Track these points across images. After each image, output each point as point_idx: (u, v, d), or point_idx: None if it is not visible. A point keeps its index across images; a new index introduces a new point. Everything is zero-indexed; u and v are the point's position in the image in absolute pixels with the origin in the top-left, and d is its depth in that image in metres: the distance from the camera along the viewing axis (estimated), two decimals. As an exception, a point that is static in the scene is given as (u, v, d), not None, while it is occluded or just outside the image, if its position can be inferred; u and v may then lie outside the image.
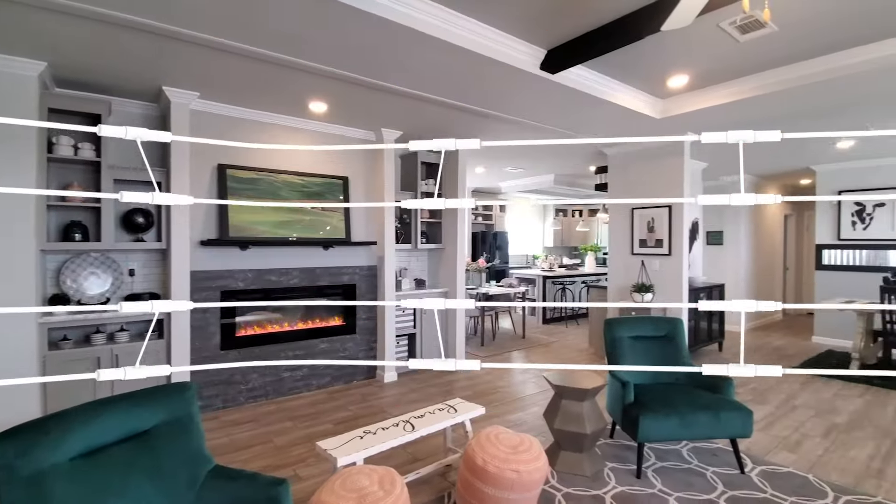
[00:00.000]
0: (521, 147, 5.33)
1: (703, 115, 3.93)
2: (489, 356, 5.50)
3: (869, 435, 3.31)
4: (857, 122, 4.16)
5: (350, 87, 3.30)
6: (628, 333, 3.24)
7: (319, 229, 4.10)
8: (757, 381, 4.58)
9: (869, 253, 6.04)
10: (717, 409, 2.65)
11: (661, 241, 4.74)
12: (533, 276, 7.71)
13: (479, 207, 9.38)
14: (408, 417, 2.48)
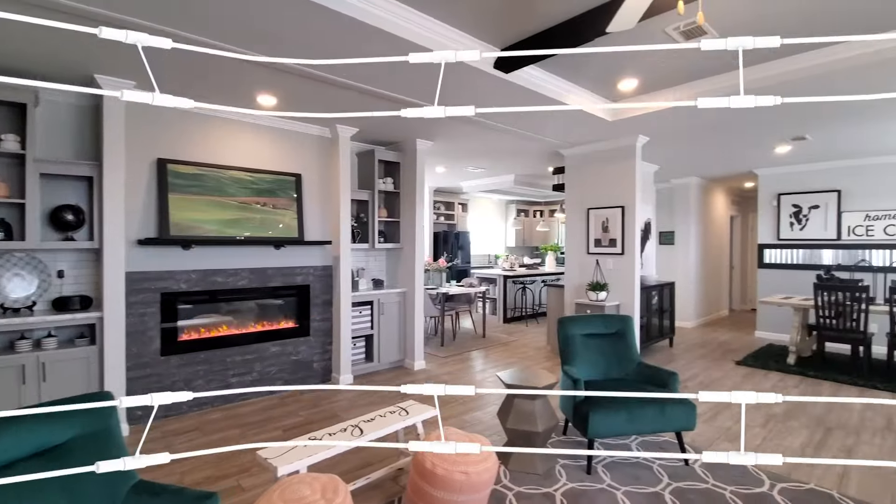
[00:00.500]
0: (481, 147, 5.34)
1: (652, 119, 4.05)
2: (449, 356, 5.47)
3: (803, 424, 3.50)
4: (797, 127, 4.41)
5: (300, 80, 3.19)
6: (581, 331, 3.28)
7: (271, 228, 3.95)
8: (704, 375, 4.78)
9: (805, 252, 6.43)
10: (664, 404, 2.72)
11: (615, 241, 4.86)
12: (494, 275, 7.76)
13: (440, 207, 9.37)
14: (357, 422, 2.41)
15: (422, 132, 4.59)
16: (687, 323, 7.60)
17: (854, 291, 4.58)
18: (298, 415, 3.62)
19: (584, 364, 3.19)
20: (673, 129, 4.44)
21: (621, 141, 4.78)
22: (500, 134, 4.66)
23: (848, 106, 3.71)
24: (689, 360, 5.43)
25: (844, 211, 6.09)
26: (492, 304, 7.82)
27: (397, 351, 4.91)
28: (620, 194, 4.84)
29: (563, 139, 4.85)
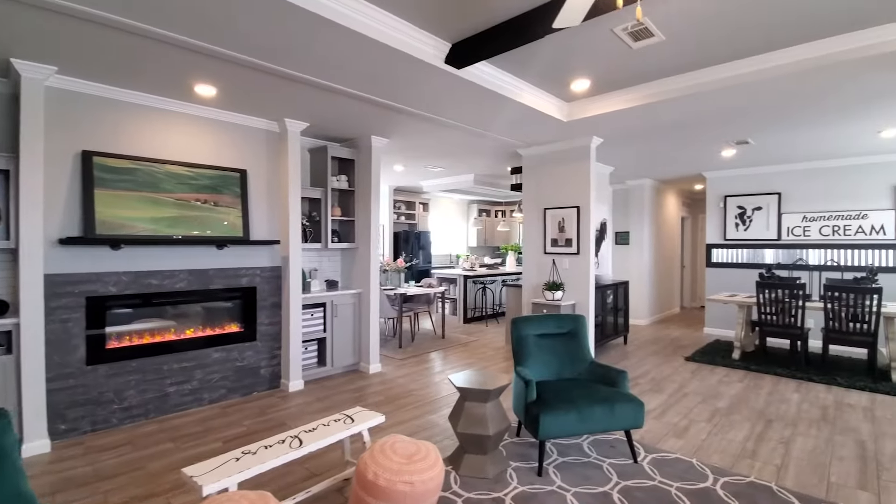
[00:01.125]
0: (440, 146, 5.27)
1: (605, 120, 4.10)
2: (406, 358, 5.37)
3: (745, 417, 3.62)
4: (742, 130, 4.58)
5: (243, 70, 3.01)
6: (534, 332, 3.26)
7: (212, 227, 3.72)
8: (655, 372, 4.89)
9: (749, 251, 6.74)
10: (613, 403, 2.73)
11: (571, 241, 4.91)
12: (454, 275, 7.71)
13: (401, 206, 9.23)
14: (297, 432, 2.27)
15: (377, 129, 4.46)
16: (641, 321, 7.81)
17: (792, 289, 4.82)
18: (242, 425, 3.42)
19: (537, 364, 3.17)
20: (625, 131, 4.52)
21: (576, 142, 4.82)
22: (456, 132, 4.60)
23: (786, 112, 3.87)
24: (642, 357, 5.56)
25: (784, 212, 6.42)
26: (452, 305, 7.78)
27: (352, 354, 4.76)
28: (576, 195, 4.89)
29: (519, 139, 4.85)
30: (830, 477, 2.69)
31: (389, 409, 3.74)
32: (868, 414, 3.70)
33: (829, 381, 4.47)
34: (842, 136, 4.72)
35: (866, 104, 3.66)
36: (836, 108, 3.77)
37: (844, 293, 4.51)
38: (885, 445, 3.11)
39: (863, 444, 3.15)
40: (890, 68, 2.92)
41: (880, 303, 4.34)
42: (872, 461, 2.89)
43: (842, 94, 3.42)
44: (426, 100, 3.59)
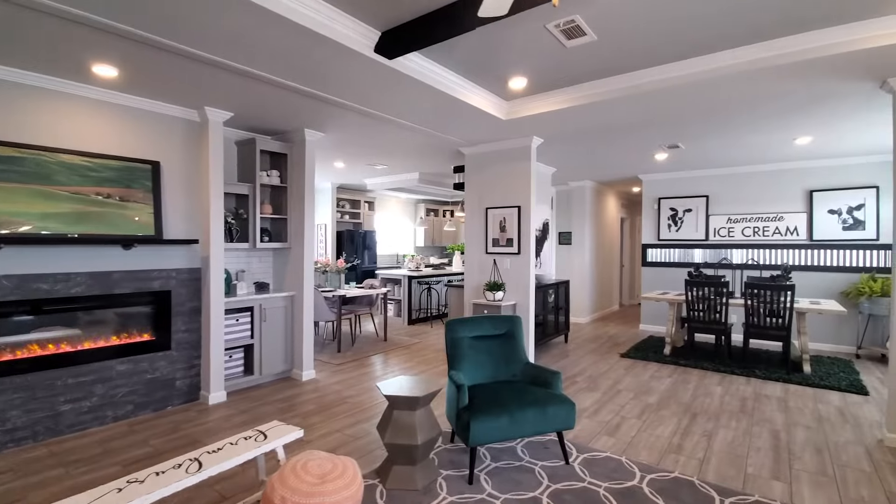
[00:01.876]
0: (381, 143, 5.09)
1: (544, 119, 4.10)
2: (344, 363, 5.15)
3: (673, 412, 3.73)
4: (674, 135, 4.74)
5: (146, 50, 2.70)
6: (469, 333, 3.18)
7: (118, 224, 3.35)
8: (592, 369, 4.98)
9: (680, 251, 7.07)
10: (545, 405, 2.69)
11: (512, 241, 4.89)
12: (399, 276, 7.54)
13: (345, 205, 8.94)
14: (199, 453, 2.04)
15: (310, 122, 4.22)
16: (582, 319, 8.01)
17: (717, 287, 5.07)
18: (148, 444, 3.09)
19: (471, 368, 3.09)
20: (565, 132, 4.56)
21: (517, 141, 4.81)
22: (396, 128, 4.45)
23: (712, 118, 4.04)
24: (581, 354, 5.67)
25: (712, 214, 6.79)
26: (396, 306, 7.61)
27: (283, 361, 4.49)
28: (517, 195, 4.88)
29: (461, 137, 4.77)
30: (747, 468, 2.80)
31: (320, 419, 3.53)
32: (782, 404, 3.93)
33: (749, 373, 4.74)
34: (762, 143, 5.02)
35: (783, 113, 3.88)
36: (760, 116, 3.97)
37: (762, 290, 4.80)
38: (797, 435, 3.30)
39: (777, 434, 3.32)
40: (804, 76, 3.09)
41: (793, 299, 4.65)
42: (785, 451, 3.04)
43: (763, 103, 3.60)
44: (358, 92, 3.41)
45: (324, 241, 8.42)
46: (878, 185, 5.62)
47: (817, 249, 6.00)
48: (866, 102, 3.58)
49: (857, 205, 5.74)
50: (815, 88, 3.27)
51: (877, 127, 4.27)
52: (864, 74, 3.00)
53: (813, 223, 6.01)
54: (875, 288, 5.30)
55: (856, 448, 3.07)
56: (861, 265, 5.72)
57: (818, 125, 4.25)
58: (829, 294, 5.92)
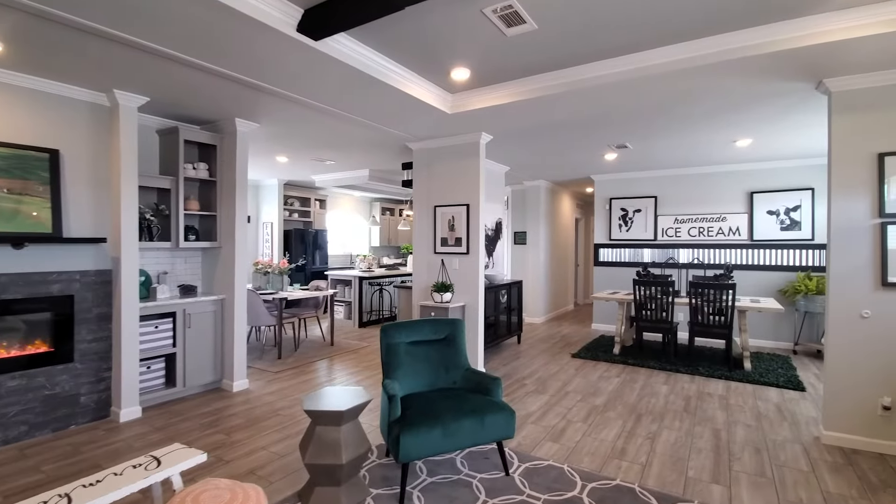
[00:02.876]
0: (324, 136, 4.80)
1: (490, 114, 3.95)
2: (284, 371, 4.82)
3: (619, 414, 3.67)
4: (622, 134, 4.72)
5: (33, 21, 2.33)
6: (406, 339, 2.98)
7: (7, 220, 2.92)
8: (543, 371, 4.90)
9: (630, 251, 7.15)
10: (483, 414, 2.52)
11: (461, 240, 4.73)
12: (349, 277, 7.24)
13: (294, 203, 8.53)
14: (72, 487, 1.73)
15: (240, 110, 3.89)
16: (537, 319, 7.98)
17: (664, 286, 5.10)
18: (40, 471, 2.70)
19: (408, 375, 2.88)
20: (514, 129, 4.44)
21: (465, 137, 4.66)
22: (338, 120, 4.18)
23: (658, 116, 4.03)
24: (532, 355, 5.58)
25: (660, 215, 6.90)
26: (347, 308, 7.30)
27: (211, 370, 4.13)
28: (466, 192, 4.72)
29: (406, 131, 4.56)
30: (688, 472, 2.74)
31: (245, 435, 3.22)
32: (723, 402, 3.95)
33: (694, 371, 4.79)
34: (706, 145, 5.10)
35: (724, 113, 3.90)
36: (702, 117, 3.98)
37: (706, 289, 4.86)
38: (737, 434, 3.30)
39: (718, 433, 3.31)
40: (742, 74, 3.08)
41: (735, 298, 4.73)
42: (725, 451, 3.02)
43: (703, 101, 3.60)
44: (287, 77, 3.14)
45: (270, 241, 7.99)
46: (813, 187, 5.86)
47: (757, 249, 6.20)
48: (803, 103, 3.64)
49: (794, 206, 5.96)
50: (754, 88, 3.28)
51: (812, 129, 4.40)
52: (800, 74, 3.03)
53: (753, 224, 6.20)
54: (810, 286, 5.51)
55: (793, 446, 3.09)
56: (798, 264, 5.95)
57: (758, 127, 4.33)
58: (768, 292, 6.13)
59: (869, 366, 3.03)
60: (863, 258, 3.05)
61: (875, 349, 3.02)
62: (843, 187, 3.10)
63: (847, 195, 3.09)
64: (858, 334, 3.06)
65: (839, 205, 3.11)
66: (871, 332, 3.03)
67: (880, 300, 3.00)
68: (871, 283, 3.03)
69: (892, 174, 2.96)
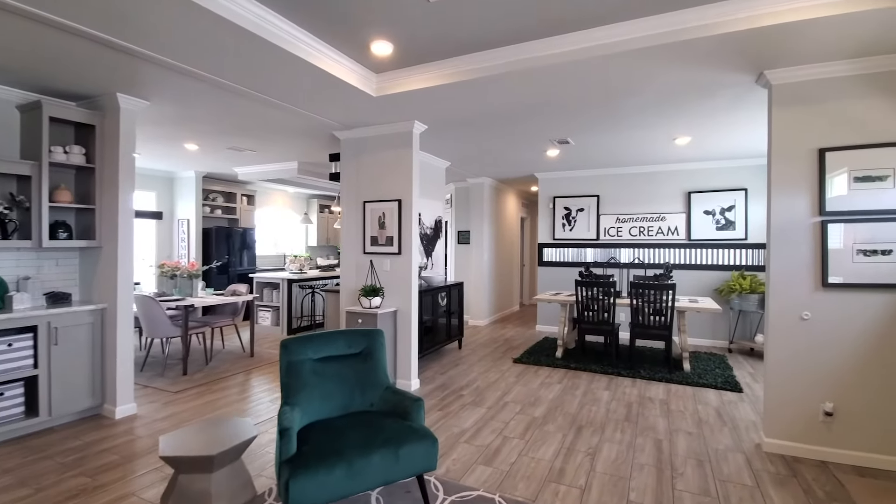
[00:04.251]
0: (235, 119, 4.21)
1: (421, 99, 3.56)
2: (185, 390, 4.19)
3: (558, 426, 3.40)
4: (562, 128, 4.47)
5: None
6: (314, 355, 2.52)
7: None
8: (482, 379, 4.57)
9: (574, 250, 7.02)
10: (399, 444, 2.12)
11: (392, 239, 4.30)
12: (276, 279, 6.60)
13: (216, 198, 7.73)
14: None
15: (122, 84, 3.25)
16: (481, 321, 7.70)
17: (605, 286, 4.93)
18: None
19: (315, 399, 2.42)
20: (449, 118, 4.08)
21: (397, 126, 4.24)
22: (249, 102, 3.63)
23: (597, 108, 3.80)
24: (473, 361, 5.26)
25: (602, 214, 6.81)
26: (275, 314, 6.66)
27: (88, 394, 3.45)
28: (398, 187, 4.30)
29: (330, 116, 4.08)
30: (630, 494, 2.48)
31: (117, 476, 2.63)
32: (664, 407, 3.79)
33: (635, 374, 4.65)
34: (645, 142, 4.98)
35: (663, 106, 3.73)
36: (640, 108, 3.80)
37: (646, 290, 4.73)
38: (679, 444, 3.10)
39: (660, 444, 3.10)
40: (687, 58, 2.87)
41: (674, 298, 4.63)
42: (668, 466, 2.80)
43: (642, 90, 3.39)
44: (169, 42, 2.58)
45: (186, 240, 7.17)
46: (746, 187, 5.94)
47: (695, 249, 6.23)
48: (741, 99, 3.53)
49: (729, 206, 6.03)
50: (695, 79, 3.10)
51: (749, 127, 4.36)
52: (742, 63, 2.86)
53: (691, 223, 6.22)
54: (744, 285, 5.56)
55: (736, 456, 2.93)
56: (732, 263, 6.02)
57: (697, 123, 4.22)
58: (705, 291, 6.16)
59: (810, 370, 2.92)
60: (803, 258, 2.93)
61: (816, 353, 2.91)
62: (783, 184, 2.97)
63: (787, 192, 2.96)
64: (799, 337, 2.94)
65: (779, 202, 2.99)
66: (811, 334, 2.91)
67: (820, 302, 2.89)
68: (811, 283, 2.91)
69: (832, 170, 2.86)
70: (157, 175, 7.13)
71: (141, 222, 7.05)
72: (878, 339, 2.77)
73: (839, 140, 2.85)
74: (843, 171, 2.84)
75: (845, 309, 2.84)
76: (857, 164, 2.81)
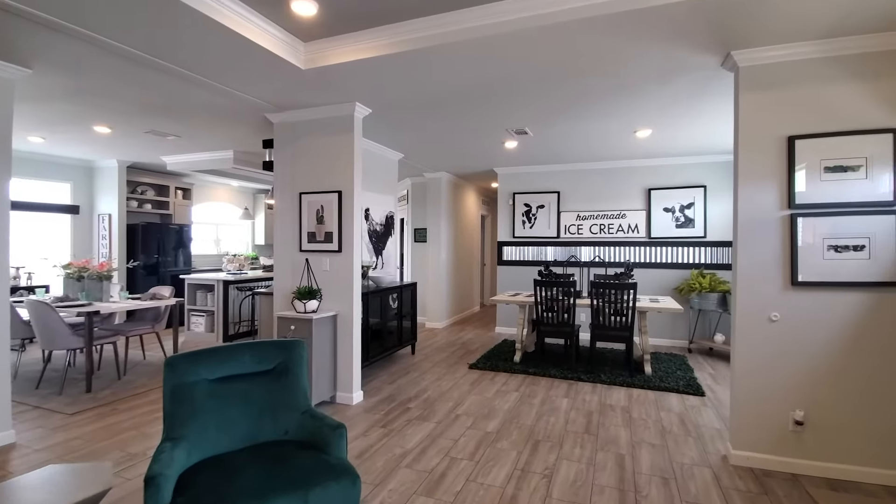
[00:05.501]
0: (149, 96, 3.64)
1: (357, 74, 3.13)
2: (86, 410, 3.58)
3: (513, 442, 3.05)
4: (520, 116, 4.15)
5: None
6: (209, 374, 2.04)
7: None
8: (434, 388, 4.18)
9: (534, 249, 6.75)
10: (308, 486, 1.69)
11: (331, 235, 3.84)
12: (211, 281, 5.97)
13: (145, 191, 6.98)
14: None
15: (-15, 43, 2.65)
16: (438, 323, 7.32)
17: (565, 286, 4.66)
18: None
19: (209, 430, 1.95)
20: (393, 100, 3.67)
21: (337, 109, 3.79)
22: (159, 74, 3.09)
23: (556, 92, 3.49)
24: (426, 368, 4.86)
25: (562, 211, 6.57)
26: (209, 319, 6.02)
27: (-57, 424, 2.81)
28: (337, 177, 3.84)
29: (255, 94, 3.57)
30: (590, 526, 2.15)
31: (-48, 534, 2.05)
32: (626, 416, 3.53)
33: (595, 378, 4.39)
34: (606, 135, 4.74)
35: (625, 96, 3.47)
36: (600, 95, 3.52)
37: (607, 290, 4.49)
38: (642, 459, 2.82)
39: (622, 459, 2.81)
40: (651, 31, 2.57)
41: (636, 298, 4.40)
42: (631, 486, 2.50)
43: (606, 73, 3.10)
44: (20, -20, 2.04)
45: (108, 237, 6.40)
46: (705, 184, 5.84)
47: (655, 247, 6.08)
48: (705, 88, 3.30)
49: (688, 203, 5.91)
50: (658, 59, 2.82)
51: (710, 118, 4.17)
52: (706, 43, 2.60)
53: (651, 221, 6.08)
54: (704, 284, 5.44)
55: (702, 472, 2.67)
56: (691, 262, 5.91)
57: (658, 112, 3.99)
58: (665, 290, 6.03)
59: (779, 376, 2.70)
60: (771, 254, 2.71)
61: (785, 357, 2.69)
62: (751, 175, 2.74)
63: (754, 184, 2.74)
64: (767, 340, 2.72)
65: (746, 195, 2.75)
66: (780, 337, 2.69)
67: (790, 301, 2.67)
68: (780, 282, 2.69)
69: (802, 160, 2.64)
70: (72, 164, 6.32)
71: (51, 217, 6.23)
72: (851, 342, 2.57)
73: (809, 127, 2.64)
74: (814, 161, 2.63)
75: (816, 309, 2.63)
76: (829, 154, 2.61)
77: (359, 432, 3.22)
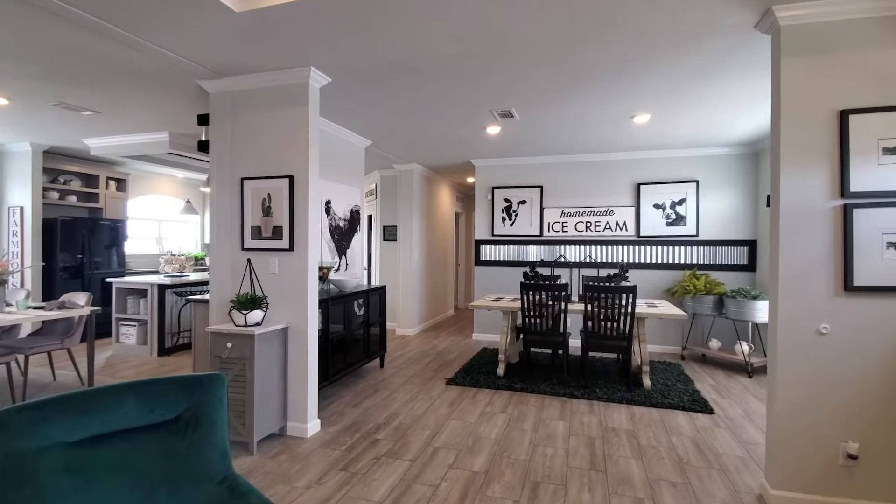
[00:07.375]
0: (53, 57, 2.87)
1: (305, 22, 2.47)
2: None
3: (507, 486, 2.46)
4: (504, 94, 3.58)
5: None
6: (68, 436, 1.35)
7: None
8: (406, 412, 3.55)
9: (515, 248, 6.22)
10: None
11: (281, 230, 3.15)
12: (145, 284, 5.12)
13: (69, 181, 6.02)
14: None
15: None
16: (410, 330, 6.67)
17: (556, 290, 4.12)
18: None
19: (62, 523, 1.26)
20: (356, 65, 3.02)
21: (287, 75, 3.10)
22: (40, 16, 2.32)
23: (545, 69, 2.93)
24: (397, 386, 4.22)
25: (546, 207, 6.07)
26: (141, 330, 5.17)
27: None
28: (289, 159, 3.16)
29: (180, 50, 2.85)
30: None
31: None
32: (633, 443, 3.01)
33: (590, 394, 3.87)
34: (599, 120, 4.24)
35: (629, 65, 2.94)
36: (602, 70, 2.98)
37: (602, 293, 3.98)
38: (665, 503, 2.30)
39: (641, 508, 2.27)
40: None
41: (635, 302, 3.91)
42: (662, 551, 1.95)
43: (613, 39, 2.56)
44: None
45: (18, 233, 5.43)
46: (697, 179, 5.46)
47: (645, 246, 5.66)
48: (726, 59, 2.82)
49: (680, 199, 5.52)
50: (684, 13, 2.31)
51: (714, 103, 3.73)
52: (749, -12, 2.09)
53: (640, 218, 5.65)
54: (698, 286, 5.03)
55: (742, 524, 2.16)
56: (683, 262, 5.51)
57: (666, 90, 3.50)
58: (656, 293, 5.61)
59: (828, 400, 2.22)
60: (819, 253, 2.23)
61: (837, 377, 2.21)
62: (794, 158, 2.26)
63: (798, 168, 2.25)
64: (815, 357, 2.24)
65: (789, 181, 2.27)
66: (831, 353, 2.22)
67: (843, 310, 2.20)
68: (830, 286, 2.22)
69: (857, 139, 2.17)
70: (-26, 147, 5.32)
71: (-52, 210, 5.21)
72: (922, 361, 2.12)
73: (866, 99, 2.18)
74: (871, 141, 2.16)
75: (874, 319, 2.17)
76: (889, 132, 2.15)
77: (312, 478, 2.55)
